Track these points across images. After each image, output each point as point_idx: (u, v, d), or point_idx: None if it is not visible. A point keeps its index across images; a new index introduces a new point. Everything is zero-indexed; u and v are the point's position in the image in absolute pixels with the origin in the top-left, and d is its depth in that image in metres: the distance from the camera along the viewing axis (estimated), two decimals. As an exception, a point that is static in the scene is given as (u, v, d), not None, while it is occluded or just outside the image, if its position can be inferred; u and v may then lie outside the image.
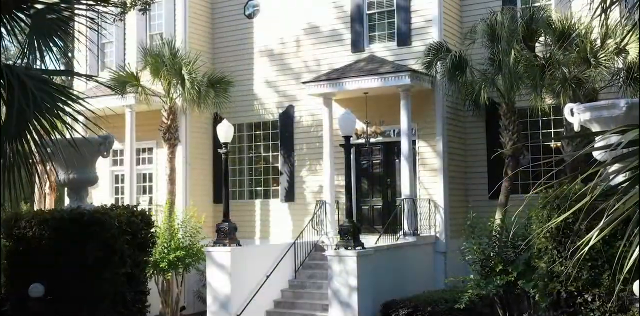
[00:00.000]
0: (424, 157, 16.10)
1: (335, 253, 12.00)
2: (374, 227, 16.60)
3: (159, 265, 14.60)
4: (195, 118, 18.05)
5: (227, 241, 13.23)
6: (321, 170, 17.02)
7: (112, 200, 18.89)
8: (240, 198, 18.66)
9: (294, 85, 17.78)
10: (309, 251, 15.31)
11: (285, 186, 17.76)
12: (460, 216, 16.41)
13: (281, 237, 17.52)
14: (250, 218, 18.24)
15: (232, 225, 13.46)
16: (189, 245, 15.13)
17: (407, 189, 15.12)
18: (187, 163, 17.73)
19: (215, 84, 16.88)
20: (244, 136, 18.74)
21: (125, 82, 16.35)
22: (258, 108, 18.41)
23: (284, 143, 17.89)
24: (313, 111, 17.50)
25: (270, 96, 18.23)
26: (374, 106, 16.14)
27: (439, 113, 15.90)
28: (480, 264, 11.80)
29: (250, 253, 13.81)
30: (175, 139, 16.81)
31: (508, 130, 14.69)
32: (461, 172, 16.76)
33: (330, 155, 16.17)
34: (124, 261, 7.74)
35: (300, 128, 17.73)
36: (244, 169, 18.72)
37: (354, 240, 11.97)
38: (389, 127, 16.54)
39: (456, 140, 16.57)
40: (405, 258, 14.38)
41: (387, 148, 16.72)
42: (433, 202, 15.82)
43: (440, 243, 15.62)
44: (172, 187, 16.60)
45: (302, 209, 17.41)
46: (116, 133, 18.46)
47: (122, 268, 7.66)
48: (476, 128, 16.98)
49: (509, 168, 14.65)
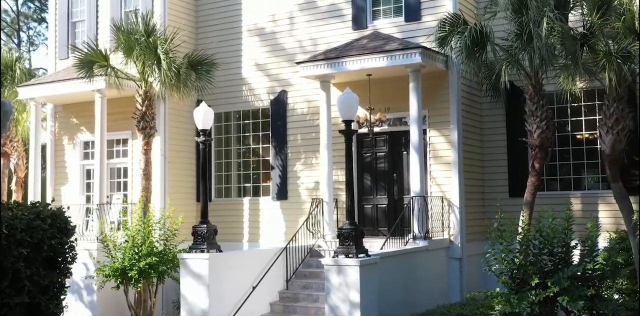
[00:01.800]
0: (436, 148, 14.00)
1: (334, 262, 9.91)
2: (378, 229, 14.52)
3: (128, 274, 12.49)
4: (175, 106, 15.94)
5: (205, 246, 11.13)
6: (318, 164, 14.94)
7: (82, 198, 16.81)
8: (227, 196, 16.56)
9: (287, 68, 15.69)
10: (304, 257, 13.22)
11: (277, 182, 15.67)
12: (476, 216, 14.37)
13: (272, 240, 15.43)
14: (237, 218, 16.14)
15: (211, 228, 11.37)
16: (164, 250, 13.03)
17: (417, 185, 13.02)
18: (164, 157, 15.61)
19: (197, 66, 14.77)
20: (230, 126, 16.64)
21: (92, 62, 14.24)
22: (247, 95, 16.31)
23: (275, 133, 15.80)
24: (308, 97, 15.41)
25: (260, 80, 16.13)
26: (378, 90, 14.05)
27: (453, 98, 13.79)
28: (509, 275, 9.69)
29: (233, 260, 11.70)
30: (151, 128, 14.69)
31: (535, 116, 12.58)
32: (477, 166, 14.67)
33: (328, 146, 14.08)
34: (20, 286, 5.50)
35: (294, 117, 15.63)
36: (231, 163, 16.61)
37: (356, 246, 9.87)
38: (395, 115, 14.45)
39: (471, 130, 14.47)
40: (416, 266, 12.30)
41: (393, 139, 14.62)
42: (447, 201, 13.72)
43: (455, 247, 13.53)
44: (147, 183, 14.49)
45: (296, 208, 15.33)
46: (88, 123, 16.50)
47: (15, 297, 5.36)
48: (494, 116, 14.88)
49: (537, 161, 12.54)
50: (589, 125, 14.07)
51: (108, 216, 14.88)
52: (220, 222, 15.57)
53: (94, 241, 14.27)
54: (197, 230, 11.30)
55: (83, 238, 14.76)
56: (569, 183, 14.19)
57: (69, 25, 17.44)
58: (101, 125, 15.22)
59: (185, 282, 11.19)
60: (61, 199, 17.12)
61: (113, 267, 12.66)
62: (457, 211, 13.59)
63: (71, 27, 17.46)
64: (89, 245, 14.42)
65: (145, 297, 13.23)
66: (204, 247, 11.14)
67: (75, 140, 17.23)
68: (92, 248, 14.31)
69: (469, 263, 13.79)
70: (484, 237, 14.60)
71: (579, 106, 14.12)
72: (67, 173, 17.22)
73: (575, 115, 14.22)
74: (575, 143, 14.17)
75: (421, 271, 12.44)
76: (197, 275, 11.03)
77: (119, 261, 12.64)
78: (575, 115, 14.22)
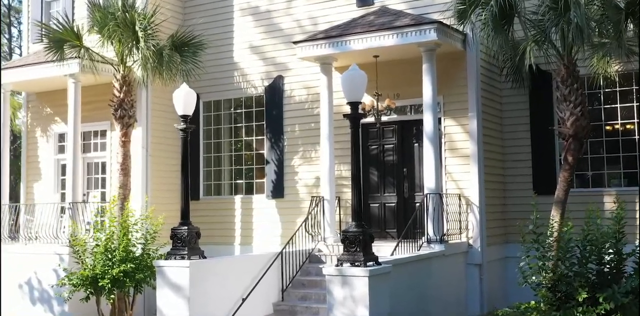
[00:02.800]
0: (452, 139, 12.33)
1: (337, 272, 8.24)
2: (386, 230, 12.87)
3: (98, 283, 10.83)
4: (159, 94, 14.25)
5: (186, 252, 9.48)
6: (318, 158, 13.29)
7: (57, 196, 15.14)
8: (217, 194, 14.90)
9: (284, 51, 14.03)
10: (302, 263, 11.57)
11: (273, 178, 14.00)
12: (496, 217, 12.74)
13: (267, 244, 13.79)
14: (228, 219, 14.48)
15: (193, 230, 9.71)
16: (142, 255, 11.38)
17: (431, 181, 11.36)
18: (146, 150, 13.95)
19: (183, 47, 13.08)
20: (221, 116, 14.98)
21: (63, 41, 12.56)
22: (239, 81, 14.64)
23: (270, 124, 14.14)
24: (308, 83, 13.75)
25: (254, 65, 14.46)
26: (386, 74, 12.40)
27: (472, 81, 12.13)
28: (549, 288, 8.03)
29: (219, 267, 10.04)
30: (130, 118, 13.01)
31: (568, 102, 10.91)
32: (497, 159, 13.01)
33: (329, 138, 12.42)
34: None
35: (291, 105, 13.96)
36: (221, 158, 14.95)
37: (364, 253, 8.21)
38: (405, 102, 12.78)
39: (490, 119, 12.81)
40: (431, 274, 10.65)
41: (403, 129, 12.95)
42: (464, 199, 12.06)
43: (474, 252, 11.87)
44: (125, 179, 12.81)
45: (293, 208, 13.66)
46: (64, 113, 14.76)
47: None
48: (517, 103, 13.23)
49: (570, 153, 10.88)
50: (625, 113, 12.43)
51: (82, 216, 13.20)
52: (210, 223, 14.04)
53: (66, 245, 12.61)
54: (176, 232, 9.64)
55: (56, 241, 13.13)
56: (601, 179, 12.54)
57: (42, 4, 15.77)
58: (75, 115, 13.54)
59: (162, 294, 9.53)
60: (34, 197, 15.48)
61: (82, 275, 11.00)
62: (477, 210, 11.93)
63: (45, 6, 15.79)
64: (61, 249, 12.77)
65: (120, 308, 11.57)
66: (184, 253, 9.48)
67: (50, 132, 15.57)
68: (63, 253, 12.66)
69: (490, 269, 12.15)
70: (505, 240, 13.01)
71: (613, 91, 12.48)
72: (40, 169, 15.55)
73: (609, 101, 12.58)
74: (608, 134, 12.53)
75: (437, 280, 10.79)
76: (176, 286, 9.37)
77: (89, 268, 10.99)
78: (610, 101, 12.58)
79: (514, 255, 12.91)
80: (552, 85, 12.88)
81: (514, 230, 12.98)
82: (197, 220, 14.23)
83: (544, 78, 12.81)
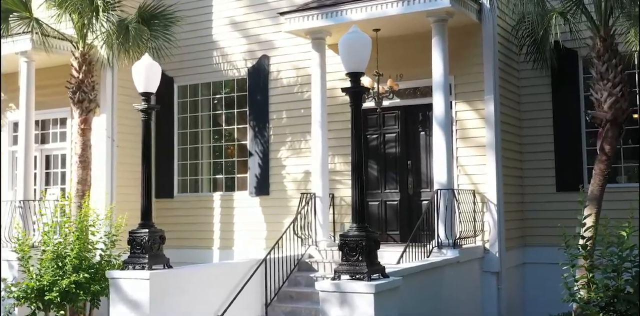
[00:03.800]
0: (464, 126, 10.60)
1: (334, 287, 6.47)
2: (388, 232, 11.13)
3: (45, 297, 9.02)
4: (127, 76, 12.21)
5: (146, 260, 7.67)
6: (308, 149, 11.56)
7: (10, 193, 13.28)
8: (194, 191, 13.10)
9: (270, 27, 12.27)
10: (289, 271, 9.80)
11: (257, 173, 12.23)
12: (515, 216, 11.04)
13: (250, 248, 12.04)
14: (206, 219, 12.69)
15: (156, 234, 7.91)
16: (100, 262, 9.59)
17: (442, 175, 9.64)
18: (112, 140, 12.15)
19: (152, 20, 11.31)
20: (198, 103, 13.18)
21: (9, 11, 10.74)
22: (218, 62, 12.85)
23: (254, 110, 12.37)
24: (297, 63, 12.00)
25: (235, 43, 12.69)
26: (388, 52, 10.67)
27: (489, 59, 10.40)
28: (604, 307, 6.31)
29: (188, 279, 8.23)
30: (91, 102, 11.22)
31: (606, 81, 9.24)
32: (514, 150, 11.31)
33: (322, 125, 10.67)
34: None
35: (278, 89, 12.20)
36: (198, 149, 13.15)
37: (368, 263, 6.45)
38: (410, 84, 11.05)
39: (507, 103, 11.10)
40: (444, 285, 8.93)
41: (407, 115, 11.21)
42: (479, 195, 10.34)
43: (491, 258, 10.14)
44: (84, 173, 11.03)
45: (280, 206, 11.91)
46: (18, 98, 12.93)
47: None
48: (537, 86, 11.53)
49: (607, 142, 9.20)
50: (664, 97, 10.77)
51: (35, 216, 11.37)
52: (185, 224, 12.34)
53: (13, 251, 10.78)
54: (134, 236, 7.83)
55: (8, 246, 11.30)
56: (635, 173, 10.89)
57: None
58: (28, 99, 11.70)
59: (117, 312, 7.72)
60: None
61: (28, 286, 9.19)
62: (495, 209, 10.21)
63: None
64: (10, 254, 10.93)
65: (76, 325, 9.76)
66: (143, 262, 7.68)
67: (3, 121, 13.70)
68: (12, 259, 10.82)
69: (509, 278, 10.45)
70: (523, 243, 11.31)
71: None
72: (-6, 163, 13.70)
73: (645, 83, 10.92)
74: (635, 122, 10.87)
75: (450, 292, 9.06)
76: (134, 303, 7.57)
77: (34, 278, 9.18)
78: (645, 83, 10.92)
79: (534, 260, 11.33)
80: (579, 65, 11.25)
81: (533, 232, 11.36)
82: (171, 221, 12.62)
83: (570, 57, 11.16)
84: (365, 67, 6.90)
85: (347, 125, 11.36)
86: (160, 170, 13.09)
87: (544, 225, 11.19)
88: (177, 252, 12.06)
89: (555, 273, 11.03)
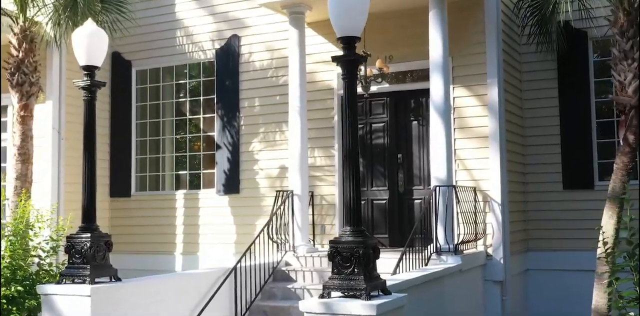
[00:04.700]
0: (463, 114, 9.30)
1: (324, 308, 5.07)
2: (375, 236, 9.68)
3: (-33, 315, 7.49)
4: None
5: (88, 272, 6.19)
6: (284, 142, 10.19)
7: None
8: (153, 189, 11.61)
9: (241, 3, 10.88)
10: (263, 282, 8.39)
11: (226, 168, 10.79)
12: (519, 217, 9.77)
13: (218, 253, 10.63)
14: (168, 221, 11.21)
15: (99, 239, 6.41)
16: (38, 273, 8.07)
17: (441, 170, 8.31)
18: (58, 131, 10.61)
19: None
20: (159, 89, 11.70)
21: None
22: (183, 43, 11.39)
23: (223, 98, 10.93)
24: (272, 43, 10.61)
25: (202, 21, 11.25)
26: (376, 30, 9.27)
27: (492, 36, 9.13)
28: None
29: (140, 294, 6.75)
30: (33, 85, 9.69)
31: (631, 60, 8.01)
32: (517, 143, 10.05)
33: (301, 113, 9.27)
34: None
35: (250, 73, 10.79)
36: (159, 142, 11.67)
37: (366, 277, 5.07)
38: (400, 66, 9.72)
39: (510, 89, 9.84)
40: (446, 297, 7.61)
41: (397, 103, 9.88)
42: (481, 193, 9.04)
43: (495, 265, 8.85)
44: (24, 168, 9.50)
45: (252, 206, 10.51)
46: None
47: None
48: (541, 71, 10.30)
49: (631, 131, 7.97)
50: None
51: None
52: (143, 227, 10.95)
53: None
54: (74, 242, 6.33)
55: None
56: None
57: None
58: (-41, 82, 10.11)
59: (51, 337, 6.23)
60: None
61: (-52, 302, 7.64)
62: (499, 209, 8.92)
63: None
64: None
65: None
66: (84, 273, 6.20)
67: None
68: (-62, 268, 9.24)
69: (514, 287, 9.18)
70: (526, 247, 10.07)
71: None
72: None
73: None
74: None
75: (452, 305, 7.74)
76: (71, 325, 6.09)
77: (-44, 292, 7.63)
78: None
79: (536, 267, 10.10)
80: (589, 48, 10.05)
81: (536, 235, 10.11)
82: (128, 223, 11.16)
83: (579, 38, 9.95)
84: (362, 30, 5.53)
85: (327, 114, 10.08)
86: (115, 165, 11.62)
87: (549, 227, 9.98)
88: (133, 258, 10.67)
89: (560, 281, 9.89)
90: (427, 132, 9.34)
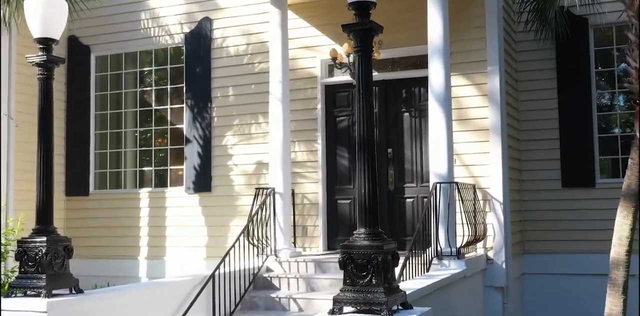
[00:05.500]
0: (461, 105, 8.52)
1: (335, 329, 4.21)
2: (363, 238, 8.88)
3: None
4: (32, 42, 9.77)
5: (44, 283, 5.18)
6: (261, 135, 9.30)
7: None
8: (115, 187, 10.56)
9: (214, -17, 9.92)
10: (243, 290, 7.46)
11: (196, 163, 9.81)
12: (518, 217, 9.06)
13: (186, 257, 9.63)
14: (131, 222, 10.17)
15: (57, 244, 5.40)
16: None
17: (442, 165, 7.49)
18: (8, 118, 9.49)
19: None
20: (121, 77, 10.65)
21: None
22: (148, 26, 10.37)
23: (193, 86, 9.95)
24: (248, 27, 9.69)
25: (170, 3, 10.26)
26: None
27: (493, 20, 8.39)
28: None
29: (105, 308, 5.76)
30: (-22, 68, 8.57)
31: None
32: (514, 138, 9.32)
33: (283, 103, 8.37)
34: None
35: (223, 60, 9.83)
36: (121, 135, 10.62)
37: (386, 289, 4.23)
38: (392, 53, 8.90)
39: (509, 80, 9.11)
40: (451, 306, 6.81)
41: (387, 92, 9.05)
42: (481, 191, 8.28)
43: (496, 270, 8.10)
44: (-33, 162, 8.36)
45: (226, 206, 9.56)
46: None
47: None
48: (538, 61, 9.59)
49: (650, 124, 7.29)
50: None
51: None
52: (104, 228, 9.92)
53: None
54: (26, 247, 5.31)
55: None
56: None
57: None
58: None
59: (-2, 362, 5.20)
60: None
61: None
62: (500, 209, 8.18)
63: None
64: None
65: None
66: (40, 285, 5.18)
67: None
68: None
69: (517, 294, 8.46)
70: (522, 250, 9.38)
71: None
72: None
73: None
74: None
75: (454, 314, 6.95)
76: (23, 348, 5.08)
77: None
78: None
79: (532, 270, 9.40)
80: (590, 36, 9.39)
81: (532, 236, 9.41)
82: (86, 224, 10.09)
83: (580, 26, 9.28)
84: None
85: (310, 105, 9.21)
86: (72, 160, 10.53)
87: (546, 228, 9.29)
88: (93, 264, 9.66)
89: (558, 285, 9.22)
90: (420, 124, 8.58)
